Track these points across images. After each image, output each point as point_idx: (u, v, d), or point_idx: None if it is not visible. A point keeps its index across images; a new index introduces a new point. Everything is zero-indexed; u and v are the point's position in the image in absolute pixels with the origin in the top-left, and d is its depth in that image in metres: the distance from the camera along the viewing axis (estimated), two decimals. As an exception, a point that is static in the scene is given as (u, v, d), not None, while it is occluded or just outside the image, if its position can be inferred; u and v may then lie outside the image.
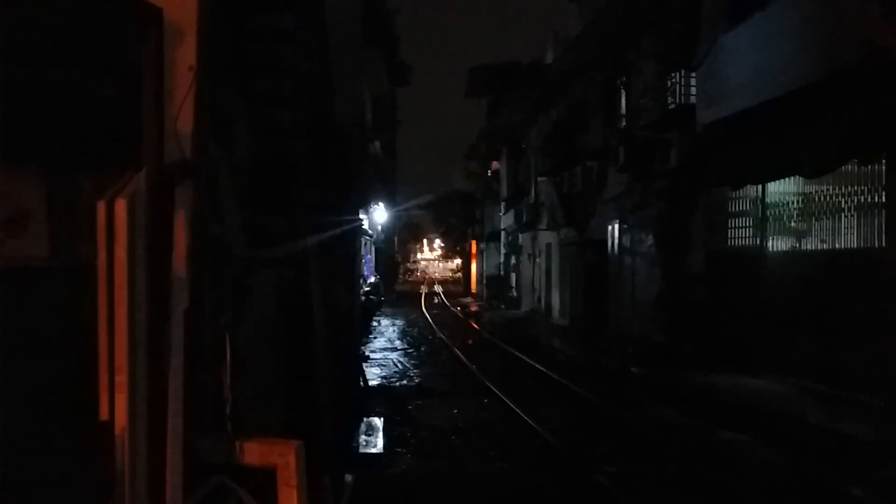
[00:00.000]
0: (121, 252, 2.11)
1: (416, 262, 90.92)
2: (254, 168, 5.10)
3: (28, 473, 2.41)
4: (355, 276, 10.43)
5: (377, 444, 8.08)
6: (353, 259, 10.06)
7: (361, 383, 10.81)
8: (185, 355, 2.25)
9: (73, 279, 3.15)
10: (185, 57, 2.27)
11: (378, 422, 8.90)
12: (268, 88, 5.83)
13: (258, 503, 2.44)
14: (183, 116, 2.24)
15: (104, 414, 2.14)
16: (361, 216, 14.52)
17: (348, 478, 5.97)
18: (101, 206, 2.18)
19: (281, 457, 2.41)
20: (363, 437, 8.33)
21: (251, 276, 4.46)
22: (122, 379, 2.12)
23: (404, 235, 70.32)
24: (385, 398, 10.90)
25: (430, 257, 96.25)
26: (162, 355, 2.24)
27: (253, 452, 2.45)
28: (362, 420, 8.90)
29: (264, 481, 2.44)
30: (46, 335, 2.74)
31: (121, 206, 2.11)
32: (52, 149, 2.58)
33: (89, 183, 3.55)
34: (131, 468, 2.13)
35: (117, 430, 2.13)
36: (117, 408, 2.12)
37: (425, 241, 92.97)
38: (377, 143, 25.63)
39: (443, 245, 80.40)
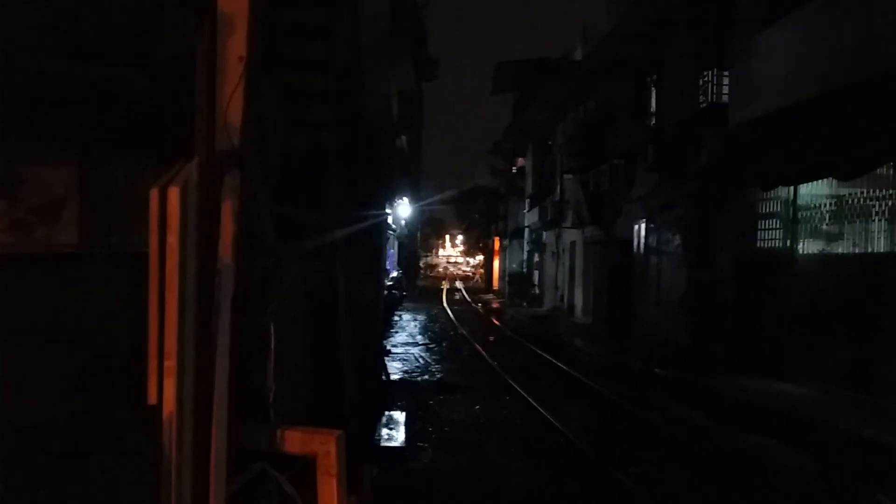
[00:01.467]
0: (173, 239, 2.11)
1: (438, 258, 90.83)
2: (284, 161, 5.13)
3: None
4: (380, 270, 10.44)
5: (399, 438, 8.09)
6: (379, 253, 10.06)
7: (383, 377, 10.83)
8: (230, 343, 2.25)
9: (104, 267, 3.18)
10: (235, 47, 2.27)
11: (400, 416, 8.91)
12: (300, 82, 5.86)
13: (297, 491, 2.45)
14: (233, 107, 2.24)
15: (152, 398, 2.16)
16: (387, 211, 14.53)
17: (373, 470, 5.98)
18: (155, 194, 2.19)
19: (322, 445, 2.41)
20: (385, 431, 8.34)
21: (281, 269, 4.48)
22: (171, 364, 2.13)
23: (426, 230, 70.33)
24: (407, 392, 10.91)
25: (452, 253, 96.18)
26: (209, 342, 2.24)
27: (294, 441, 2.45)
28: (384, 413, 8.92)
29: (303, 469, 2.45)
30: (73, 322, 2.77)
31: (174, 194, 2.12)
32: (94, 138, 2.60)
33: (121, 173, 3.59)
34: (178, 452, 2.14)
35: (165, 415, 2.15)
36: (166, 392, 2.13)
37: (447, 236, 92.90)
38: (403, 138, 25.64)
39: (465, 241, 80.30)
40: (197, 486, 2.16)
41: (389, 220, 21.81)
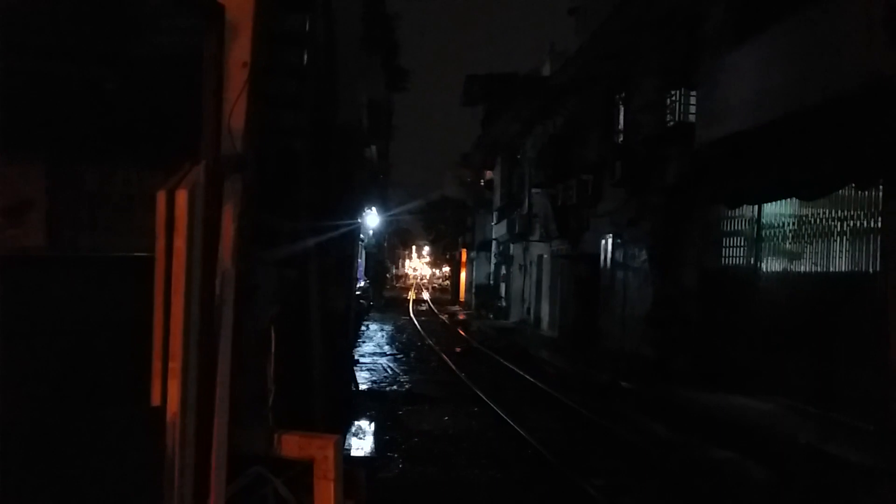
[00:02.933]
0: (180, 242, 2.12)
1: (406, 269, 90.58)
2: (257, 167, 5.11)
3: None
4: (352, 279, 10.42)
5: (368, 448, 8.07)
6: (351, 262, 10.05)
7: (353, 387, 10.79)
8: (232, 346, 2.26)
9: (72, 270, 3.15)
10: (240, 53, 2.29)
11: (369, 426, 8.90)
12: (275, 89, 5.85)
13: (293, 494, 2.45)
14: (237, 112, 2.26)
15: (156, 400, 2.15)
16: (358, 220, 14.51)
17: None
18: (162, 197, 2.19)
19: (320, 450, 2.43)
20: (354, 440, 8.32)
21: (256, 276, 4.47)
22: (175, 366, 2.13)
23: (393, 241, 70.24)
24: (375, 403, 10.89)
25: (418, 264, 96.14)
26: (212, 345, 2.24)
27: (291, 445, 2.46)
28: (353, 423, 8.89)
29: (299, 473, 2.45)
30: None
31: (182, 198, 2.13)
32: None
33: (90, 175, 3.56)
34: (181, 454, 2.14)
35: (169, 416, 2.14)
36: (170, 394, 2.13)
37: (414, 247, 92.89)
38: (373, 148, 25.65)
39: (431, 252, 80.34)
40: (197, 488, 2.15)
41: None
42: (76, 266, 3.34)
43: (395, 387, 12.77)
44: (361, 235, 26.71)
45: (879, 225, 8.25)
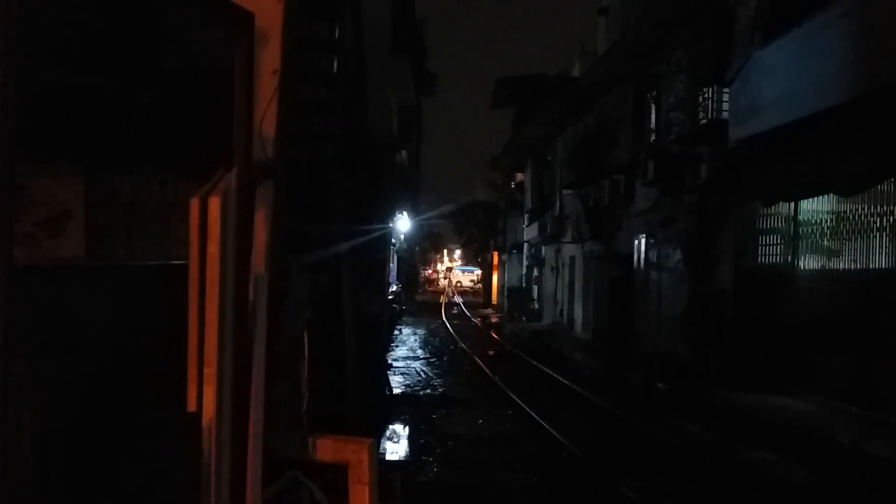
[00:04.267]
0: (213, 248, 2.15)
1: (438, 271, 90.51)
2: (289, 173, 5.16)
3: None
4: (384, 283, 10.47)
5: (403, 452, 8.09)
6: (383, 266, 10.11)
7: (386, 391, 10.83)
8: (266, 351, 2.29)
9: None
10: (270, 61, 2.33)
11: (403, 430, 8.93)
12: (306, 95, 5.91)
13: (329, 499, 2.47)
14: (267, 119, 2.29)
15: (192, 406, 2.19)
16: (389, 224, 14.58)
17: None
18: (195, 204, 2.23)
19: (354, 454, 2.44)
20: (389, 444, 8.35)
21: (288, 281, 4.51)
22: (210, 371, 2.16)
23: (424, 245, 70.36)
24: (409, 406, 10.91)
25: (450, 266, 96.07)
26: (247, 350, 2.27)
27: (326, 449, 2.48)
28: (388, 427, 8.93)
29: (334, 477, 2.47)
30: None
31: (214, 204, 2.16)
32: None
33: (126, 185, 3.63)
34: (217, 459, 2.17)
35: (205, 422, 2.17)
36: (205, 400, 2.16)
37: (445, 251, 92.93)
38: (403, 153, 25.74)
39: (463, 255, 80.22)
40: (234, 492, 2.18)
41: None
42: (113, 275, 3.41)
43: (428, 390, 12.79)
44: (393, 240, 26.83)
45: (920, 220, 8.07)
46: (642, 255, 15.91)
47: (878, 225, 8.82)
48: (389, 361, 15.69)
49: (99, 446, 2.79)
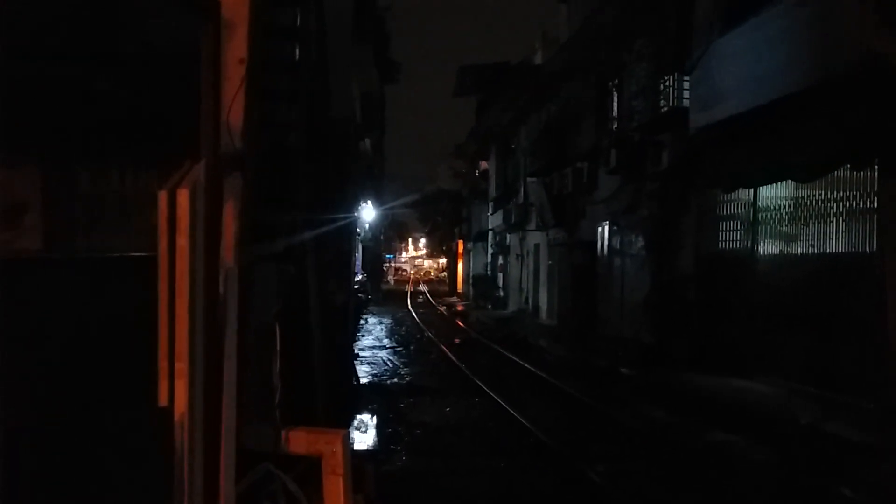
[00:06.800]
0: (182, 241, 2.11)
1: (405, 261, 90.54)
2: (256, 163, 5.10)
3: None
4: (350, 272, 10.42)
5: (371, 442, 8.09)
6: (349, 256, 10.05)
7: (353, 381, 10.80)
8: (237, 344, 2.26)
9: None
10: (237, 49, 2.29)
11: (371, 419, 8.92)
12: (270, 83, 5.82)
13: (302, 490, 2.46)
14: (235, 109, 2.25)
15: (163, 400, 2.16)
16: (354, 213, 14.50)
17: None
18: (163, 196, 2.19)
19: (328, 445, 2.43)
20: (357, 434, 8.33)
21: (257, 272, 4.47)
22: (182, 366, 2.13)
23: (389, 234, 70.16)
24: (377, 396, 10.91)
25: (415, 255, 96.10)
26: (217, 344, 2.24)
27: (299, 441, 2.47)
28: (355, 417, 8.91)
29: (306, 469, 2.46)
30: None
31: (183, 196, 2.12)
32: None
33: (85, 177, 3.55)
34: (190, 453, 2.14)
35: (177, 416, 2.14)
36: (177, 394, 2.13)
37: (410, 240, 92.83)
38: (367, 141, 25.56)
39: (428, 244, 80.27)
40: (207, 486, 2.16)
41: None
42: (73, 268, 3.34)
43: (395, 379, 12.80)
44: (358, 229, 26.69)
45: (875, 205, 8.27)
46: (606, 242, 16.07)
47: (834, 210, 9.02)
48: (356, 351, 15.65)
49: (62, 444, 2.74)
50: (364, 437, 8.41)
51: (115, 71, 3.61)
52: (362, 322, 23.08)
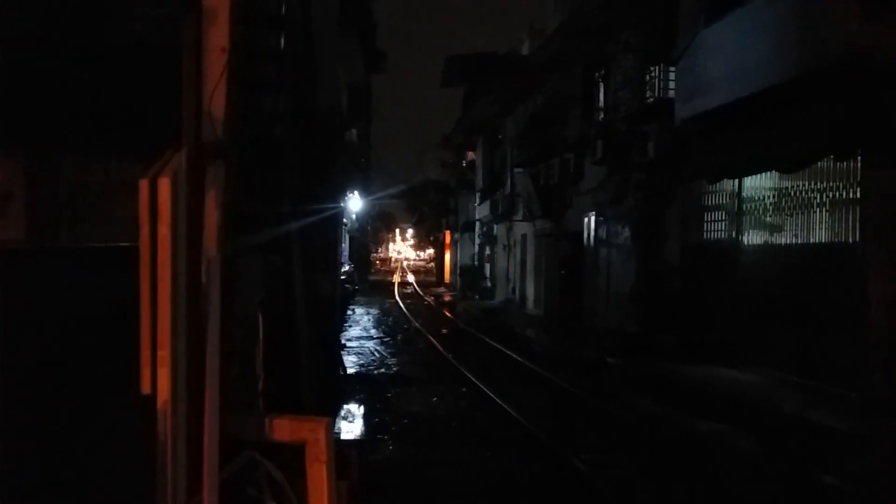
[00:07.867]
0: (164, 230, 2.11)
1: (392, 251, 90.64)
2: (239, 152, 5.07)
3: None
4: (336, 263, 10.40)
5: (358, 431, 8.10)
6: (335, 246, 10.03)
7: (340, 371, 10.80)
8: (220, 332, 2.25)
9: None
10: (218, 38, 2.27)
11: (358, 409, 8.93)
12: (255, 73, 5.79)
13: (286, 477, 2.47)
14: (216, 97, 2.24)
15: (146, 388, 2.15)
16: (340, 204, 14.46)
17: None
18: (144, 185, 2.18)
19: (311, 433, 2.44)
20: (344, 424, 8.34)
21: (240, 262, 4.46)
22: (164, 354, 2.13)
23: (376, 224, 70.05)
24: (364, 386, 10.92)
25: (402, 247, 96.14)
26: (200, 332, 2.24)
27: (283, 429, 2.47)
28: (342, 407, 8.92)
29: (291, 456, 2.47)
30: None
31: (164, 185, 2.12)
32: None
33: (69, 167, 3.53)
34: (173, 441, 2.14)
35: (160, 404, 2.14)
36: (160, 382, 2.13)
37: (397, 230, 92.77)
38: (353, 131, 25.49)
39: (415, 235, 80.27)
40: (190, 474, 2.16)
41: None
42: (57, 258, 3.32)
43: (382, 370, 12.81)
44: (344, 220, 26.63)
45: (858, 196, 8.33)
46: (592, 233, 16.12)
47: (818, 201, 9.08)
48: (343, 341, 15.64)
49: (45, 431, 2.73)
50: (351, 426, 8.42)
51: (96, 60, 3.58)
52: (349, 313, 23.06)
